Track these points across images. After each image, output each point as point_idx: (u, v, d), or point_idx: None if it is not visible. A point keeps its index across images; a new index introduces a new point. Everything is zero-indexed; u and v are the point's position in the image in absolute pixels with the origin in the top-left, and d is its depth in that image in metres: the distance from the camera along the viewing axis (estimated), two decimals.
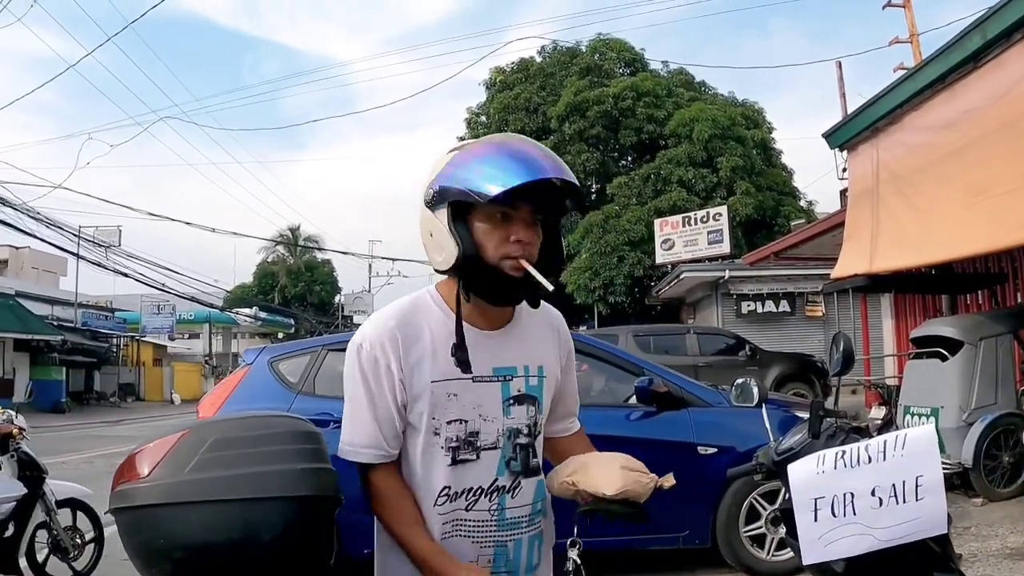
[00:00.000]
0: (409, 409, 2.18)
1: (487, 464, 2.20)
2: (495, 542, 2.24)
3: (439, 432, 2.17)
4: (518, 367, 2.25)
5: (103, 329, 46.43)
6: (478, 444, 2.18)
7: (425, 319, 2.19)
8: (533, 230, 2.13)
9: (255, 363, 7.18)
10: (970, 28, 9.33)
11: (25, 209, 28.27)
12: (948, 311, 12.73)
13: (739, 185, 32.62)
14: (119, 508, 2.66)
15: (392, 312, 2.21)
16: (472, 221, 2.10)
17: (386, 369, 2.14)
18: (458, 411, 2.17)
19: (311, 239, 70.76)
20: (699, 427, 6.64)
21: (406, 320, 2.18)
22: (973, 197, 9.14)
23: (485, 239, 2.09)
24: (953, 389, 9.15)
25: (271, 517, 2.53)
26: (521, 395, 2.24)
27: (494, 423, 2.20)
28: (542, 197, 2.11)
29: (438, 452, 2.18)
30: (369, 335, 2.18)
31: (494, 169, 2.04)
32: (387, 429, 2.19)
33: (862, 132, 12.12)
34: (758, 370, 19.32)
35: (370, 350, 2.16)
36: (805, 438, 2.73)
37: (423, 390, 2.15)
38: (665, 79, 37.62)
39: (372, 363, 2.16)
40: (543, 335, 2.35)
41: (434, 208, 2.13)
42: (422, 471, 2.21)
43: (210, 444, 2.60)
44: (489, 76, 39.64)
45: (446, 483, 2.18)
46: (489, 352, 2.20)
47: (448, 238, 2.09)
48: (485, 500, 2.21)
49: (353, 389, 2.22)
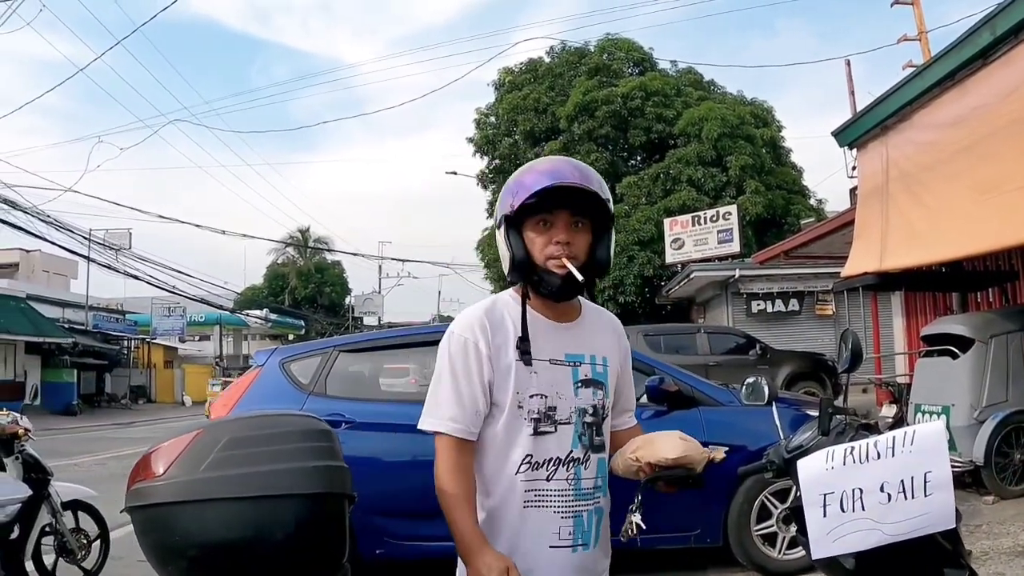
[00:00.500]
0: (496, 385, 2.44)
1: (563, 437, 2.46)
2: (573, 512, 2.47)
3: (523, 405, 2.43)
4: (585, 355, 2.54)
5: (114, 331, 46.56)
6: (555, 418, 2.45)
7: (507, 310, 2.50)
8: (572, 233, 2.43)
9: (267, 364, 7.22)
10: (979, 24, 9.30)
11: (36, 212, 28.40)
12: (959, 309, 12.71)
13: (749, 184, 32.57)
14: (135, 507, 2.68)
15: (479, 305, 2.54)
16: (523, 232, 2.45)
17: (475, 349, 2.43)
18: (539, 387, 2.44)
19: (321, 241, 70.94)
20: (710, 426, 6.63)
21: (491, 310, 2.50)
22: (983, 194, 9.12)
23: (532, 245, 2.44)
24: (964, 387, 9.14)
25: (284, 515, 2.55)
26: (588, 379, 2.52)
27: (567, 401, 2.47)
28: (580, 204, 2.42)
29: (522, 423, 2.43)
30: (460, 323, 2.50)
31: (528, 182, 2.40)
32: (468, 406, 2.42)
33: (871, 130, 12.09)
34: (769, 369, 19.30)
35: (460, 334, 2.46)
36: (815, 436, 2.74)
37: (509, 366, 2.43)
38: (674, 78, 37.53)
39: (461, 345, 2.45)
40: (606, 334, 2.67)
41: (497, 227, 2.49)
42: (507, 440, 2.45)
43: (224, 443, 2.63)
44: (498, 77, 39.61)
45: (528, 451, 2.43)
46: (561, 340, 2.51)
47: (504, 249, 2.47)
48: (563, 470, 2.45)
49: (441, 370, 2.47)
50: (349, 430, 6.48)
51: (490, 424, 2.46)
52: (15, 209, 27.17)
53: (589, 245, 2.48)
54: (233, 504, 2.52)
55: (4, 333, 33.28)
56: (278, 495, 2.55)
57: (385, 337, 9.08)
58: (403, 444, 6.81)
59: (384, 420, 6.82)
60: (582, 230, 2.45)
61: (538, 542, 2.43)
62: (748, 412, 6.16)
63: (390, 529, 6.58)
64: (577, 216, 2.43)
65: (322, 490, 2.65)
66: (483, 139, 39.33)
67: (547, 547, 2.44)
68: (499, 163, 39.51)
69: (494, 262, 37.42)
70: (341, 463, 2.79)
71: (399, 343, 8.07)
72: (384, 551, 6.60)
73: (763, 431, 6.14)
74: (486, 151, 39.59)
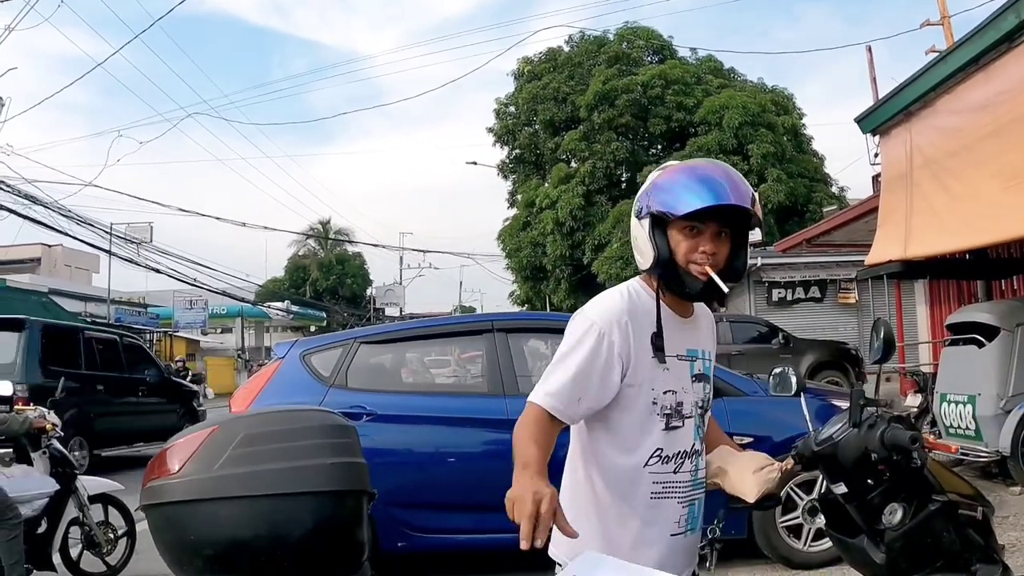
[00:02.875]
0: (628, 380, 2.46)
1: (688, 431, 2.55)
2: (690, 500, 2.61)
3: (657, 401, 2.49)
4: (699, 350, 2.64)
5: (136, 325, 46.61)
6: (683, 412, 2.54)
7: (642, 303, 2.52)
8: (717, 242, 2.47)
9: (287, 357, 7.20)
10: (1004, 8, 9.18)
11: (57, 207, 28.43)
12: (984, 297, 12.62)
13: (770, 172, 32.42)
14: (150, 505, 2.65)
15: (619, 296, 2.54)
16: (669, 231, 2.47)
17: (607, 343, 2.41)
18: (671, 383, 2.51)
19: (342, 232, 71.00)
20: (734, 416, 6.56)
21: (630, 300, 2.52)
22: (1009, 180, 9.01)
23: (677, 247, 2.46)
24: (990, 376, 9.06)
25: (302, 513, 2.52)
26: (700, 374, 2.62)
27: (689, 395, 2.56)
28: (728, 215, 2.45)
29: (655, 419, 2.49)
30: (599, 312, 2.48)
31: (685, 192, 2.41)
32: (577, 391, 2.39)
33: (895, 116, 11.99)
34: (791, 358, 19.25)
35: (598, 324, 2.44)
36: (845, 427, 2.69)
37: (644, 362, 2.47)
38: (694, 66, 37.35)
39: (597, 335, 2.42)
40: (708, 329, 2.76)
41: (639, 218, 2.51)
42: (640, 435, 2.50)
43: (240, 440, 2.59)
44: (517, 66, 39.49)
45: (660, 445, 2.50)
46: (684, 336, 2.59)
47: (648, 245, 2.48)
48: (688, 463, 2.57)
49: (567, 351, 2.44)
50: (371, 422, 6.46)
51: (621, 418, 2.51)
52: (36, 204, 27.22)
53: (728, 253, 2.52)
54: (249, 502, 2.48)
55: None
56: (295, 493, 2.52)
57: (406, 328, 9.05)
58: (425, 436, 6.80)
59: (406, 412, 6.80)
60: (725, 239, 2.50)
61: (663, 531, 2.54)
62: (773, 402, 6.12)
63: (412, 522, 6.56)
64: (724, 226, 2.48)
65: (340, 488, 2.61)
66: (503, 129, 39.30)
67: (669, 535, 2.55)
68: (519, 152, 39.50)
69: (515, 252, 37.44)
70: (360, 459, 2.75)
71: (420, 334, 8.04)
72: (406, 544, 6.57)
73: (788, 422, 6.11)
74: (506, 141, 39.57)
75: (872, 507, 2.62)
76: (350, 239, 70.76)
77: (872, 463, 2.58)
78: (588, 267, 33.50)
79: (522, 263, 37.16)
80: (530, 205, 36.63)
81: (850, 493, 2.67)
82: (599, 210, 33.62)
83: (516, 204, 39.66)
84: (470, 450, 6.76)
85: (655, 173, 2.59)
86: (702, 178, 2.45)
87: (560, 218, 33.87)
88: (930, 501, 2.54)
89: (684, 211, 2.38)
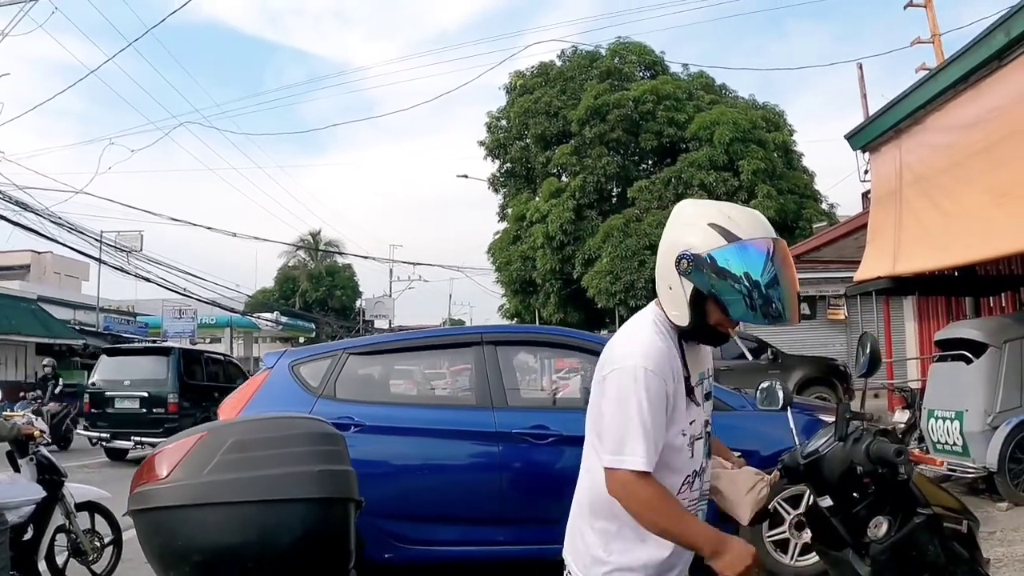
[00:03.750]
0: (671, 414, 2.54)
1: (699, 451, 2.66)
2: (699, 512, 2.71)
3: (686, 432, 2.59)
4: (705, 371, 2.75)
5: (125, 333, 46.51)
6: (698, 435, 2.65)
7: (668, 340, 2.58)
8: None
9: (276, 367, 7.19)
10: (994, 26, 9.25)
11: (47, 214, 28.35)
12: (972, 313, 12.67)
13: (760, 188, 32.46)
14: (138, 510, 2.65)
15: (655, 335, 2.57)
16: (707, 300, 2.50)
17: (660, 388, 2.48)
18: (694, 413, 2.63)
19: (332, 243, 70.95)
20: (722, 431, 6.49)
21: (664, 342, 2.56)
22: (998, 198, 9.06)
23: (711, 313, 2.52)
24: (978, 392, 9.09)
25: (290, 519, 2.52)
26: (708, 393, 2.75)
27: (701, 416, 2.67)
28: None
29: (686, 447, 2.59)
30: (648, 358, 2.50)
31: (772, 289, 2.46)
32: (658, 440, 2.48)
33: (885, 133, 12.04)
34: (780, 374, 19.27)
35: (649, 368, 2.48)
36: (831, 441, 2.70)
37: (683, 399, 2.57)
38: (685, 82, 37.45)
39: (651, 378, 2.47)
40: (707, 351, 2.80)
41: (682, 274, 2.51)
42: (675, 467, 2.59)
43: (229, 446, 2.59)
44: (509, 80, 39.58)
45: (691, 469, 2.63)
46: (696, 361, 2.69)
47: (685, 306, 2.52)
48: (698, 480, 2.67)
49: (630, 405, 2.47)
50: (358, 433, 6.45)
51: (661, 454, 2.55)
52: (26, 211, 27.15)
53: None
54: (237, 508, 2.49)
55: (15, 334, 33.32)
56: (283, 499, 2.52)
57: (395, 340, 9.05)
58: (412, 448, 6.79)
59: (394, 424, 6.79)
60: None
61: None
62: (760, 417, 6.12)
63: (399, 533, 6.55)
64: None
65: (328, 495, 2.61)
66: (494, 142, 39.34)
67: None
68: (510, 166, 39.52)
69: (505, 265, 37.42)
70: (348, 467, 2.76)
71: (409, 346, 8.04)
72: (393, 555, 6.56)
73: (775, 436, 6.12)
74: (497, 154, 39.61)
75: (858, 520, 2.63)
76: (340, 251, 70.76)
77: (857, 476, 2.60)
78: (578, 281, 33.54)
79: (512, 277, 37.12)
80: (520, 219, 36.61)
81: (836, 506, 2.69)
82: (589, 224, 33.62)
83: (506, 218, 39.64)
84: (458, 462, 6.76)
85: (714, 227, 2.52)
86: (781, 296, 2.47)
87: (550, 232, 33.85)
88: (915, 514, 2.55)
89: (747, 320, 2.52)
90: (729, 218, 2.50)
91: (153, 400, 17.78)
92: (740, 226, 2.49)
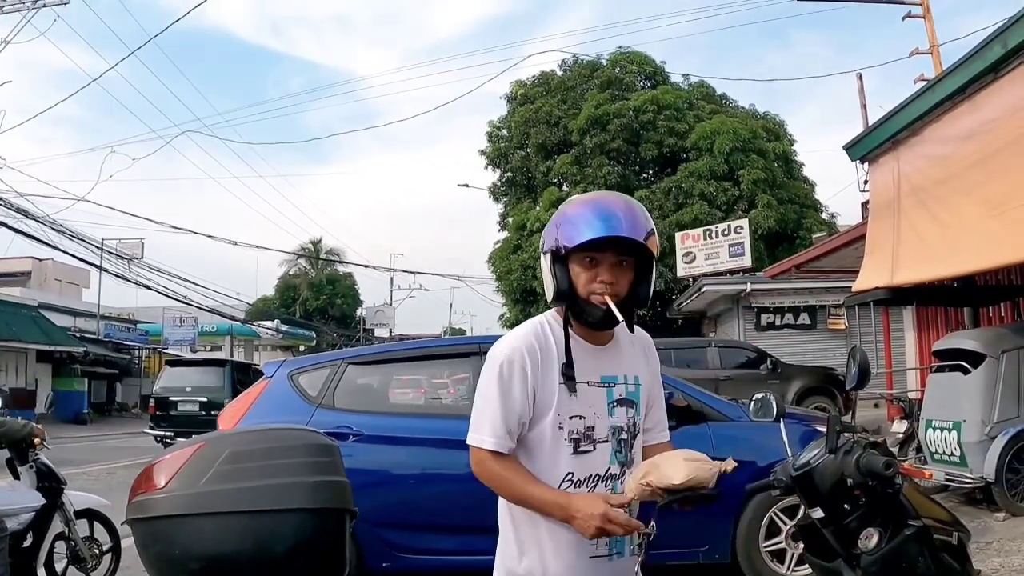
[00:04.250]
0: (539, 406, 2.56)
1: (601, 455, 2.61)
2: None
3: (563, 426, 2.56)
4: (619, 376, 2.68)
5: (125, 341, 46.62)
6: (594, 437, 2.60)
7: (551, 333, 2.63)
8: (617, 271, 2.56)
9: (275, 376, 7.21)
10: (991, 38, 9.28)
11: (48, 221, 28.41)
12: (970, 324, 12.67)
13: (761, 198, 32.53)
14: (136, 519, 2.68)
15: (526, 328, 2.67)
16: (570, 264, 2.57)
17: (520, 371, 2.55)
18: (579, 408, 2.58)
19: (333, 252, 70.89)
20: (719, 441, 6.59)
21: (537, 333, 2.62)
22: (995, 208, 9.09)
23: (577, 279, 2.56)
24: (975, 402, 9.10)
25: (285, 529, 2.55)
26: (622, 399, 2.67)
27: (603, 420, 2.62)
28: (627, 246, 2.53)
29: (563, 443, 2.57)
30: (507, 345, 2.60)
31: (582, 224, 2.51)
32: (511, 424, 2.55)
33: (883, 144, 12.07)
34: (780, 384, 19.27)
35: (509, 355, 2.57)
36: (822, 453, 2.72)
37: (553, 389, 2.56)
38: (686, 92, 37.53)
39: (508, 366, 2.55)
40: (636, 353, 2.78)
41: (543, 253, 2.62)
42: (549, 460, 2.58)
43: (226, 456, 2.63)
44: (510, 90, 39.68)
45: (570, 469, 2.57)
46: (598, 363, 2.65)
47: (550, 278, 2.60)
48: (602, 486, 2.60)
49: (487, 389, 2.59)
50: (357, 442, 6.48)
51: (532, 445, 2.60)
52: (28, 218, 27.21)
53: (631, 282, 2.61)
54: (234, 518, 2.52)
55: (16, 341, 33.34)
56: (278, 509, 2.55)
57: (394, 350, 9.06)
58: (411, 457, 6.80)
59: (392, 433, 6.81)
60: (626, 268, 2.58)
61: (580, 553, 2.56)
62: (758, 427, 6.13)
63: (397, 542, 6.57)
64: (622, 255, 2.56)
65: (322, 505, 2.65)
66: (495, 152, 39.42)
67: (588, 557, 2.58)
68: (511, 176, 39.59)
69: (506, 275, 37.39)
70: (342, 478, 2.79)
71: (408, 356, 8.06)
72: (391, 564, 6.57)
73: (773, 447, 6.10)
74: (498, 164, 39.69)
75: (848, 532, 2.65)
76: (341, 259, 70.75)
77: (848, 488, 2.62)
78: None
79: (512, 286, 37.08)
80: (521, 228, 36.59)
81: (827, 518, 2.71)
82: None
83: (507, 227, 39.66)
84: (456, 472, 6.73)
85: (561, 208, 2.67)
86: (598, 211, 2.54)
87: None
88: (906, 526, 2.57)
89: (577, 242, 2.49)
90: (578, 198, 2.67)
91: (211, 404, 19.58)
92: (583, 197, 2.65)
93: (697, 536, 6.64)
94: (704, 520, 6.37)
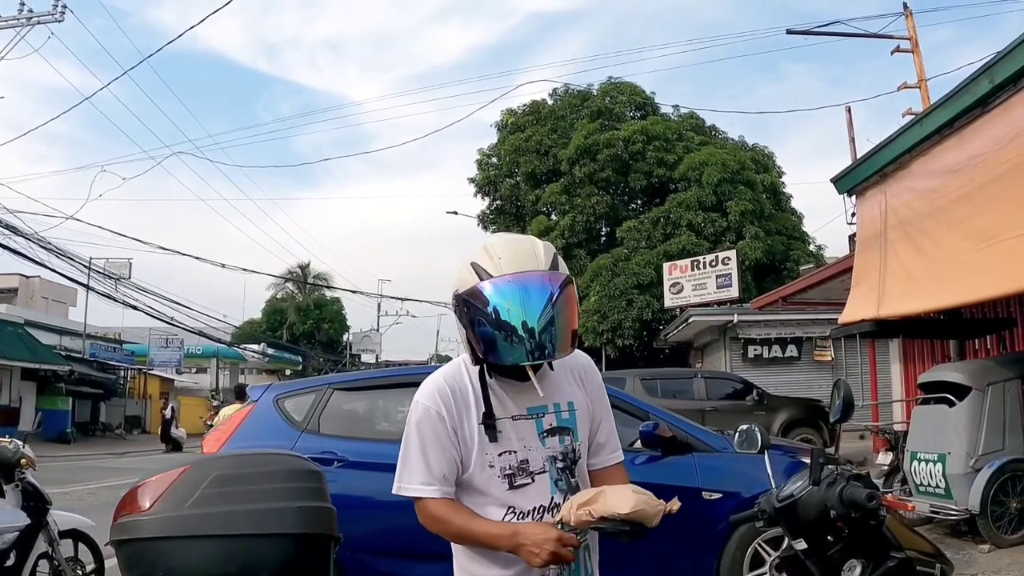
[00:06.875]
0: (463, 450, 2.54)
1: (541, 486, 2.55)
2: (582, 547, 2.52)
3: (493, 464, 2.52)
4: (548, 405, 2.59)
5: (111, 361, 46.42)
6: (530, 469, 2.54)
7: (469, 376, 2.59)
8: None
9: (260, 400, 7.19)
10: (978, 73, 9.37)
11: (36, 239, 28.33)
12: (956, 356, 12.70)
13: (748, 229, 32.63)
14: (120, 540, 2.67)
15: (441, 372, 2.64)
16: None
17: (437, 417, 2.52)
18: (506, 444, 2.53)
19: (320, 277, 70.80)
20: (704, 472, 6.59)
21: (453, 378, 2.59)
22: (982, 242, 9.14)
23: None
24: (960, 435, 9.12)
25: (270, 554, 2.55)
26: (553, 428, 2.59)
27: (536, 452, 2.55)
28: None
29: (495, 480, 2.53)
30: (423, 392, 2.58)
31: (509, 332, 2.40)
32: (437, 468, 2.53)
33: (870, 177, 12.14)
34: (766, 415, 19.28)
35: (424, 403, 2.55)
36: (806, 485, 2.73)
37: (473, 433, 2.53)
38: (675, 123, 37.69)
39: (425, 413, 2.54)
40: (568, 378, 2.68)
41: (454, 302, 2.54)
42: (486, 498, 2.54)
43: (211, 480, 2.63)
44: (500, 118, 39.82)
45: (510, 504, 2.53)
46: (522, 397, 2.56)
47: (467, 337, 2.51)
48: (548, 516, 2.52)
49: (408, 437, 2.58)
50: (341, 468, 6.45)
51: (467, 485, 2.57)
52: (16, 235, 27.15)
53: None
54: (218, 541, 2.52)
55: (0, 359, 33.20)
56: (263, 534, 2.55)
57: (380, 376, 9.04)
58: None
59: (377, 459, 6.77)
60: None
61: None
62: (743, 459, 6.11)
63: (380, 569, 6.53)
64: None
65: (307, 530, 2.64)
66: (485, 180, 39.52)
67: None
68: (500, 204, 39.66)
69: None
70: (327, 504, 2.79)
71: (394, 382, 8.04)
72: None
73: (758, 478, 6.10)
74: (487, 192, 39.80)
75: (832, 563, 2.66)
76: (328, 284, 70.65)
77: (831, 520, 2.63)
78: None
79: None
80: None
81: (810, 549, 2.71)
82: (578, 263, 33.66)
83: None
84: None
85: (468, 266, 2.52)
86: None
87: None
88: (888, 558, 2.59)
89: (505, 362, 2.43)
90: (490, 255, 2.49)
91: None
92: (498, 263, 2.46)
93: (681, 566, 6.63)
94: (688, 550, 6.36)
